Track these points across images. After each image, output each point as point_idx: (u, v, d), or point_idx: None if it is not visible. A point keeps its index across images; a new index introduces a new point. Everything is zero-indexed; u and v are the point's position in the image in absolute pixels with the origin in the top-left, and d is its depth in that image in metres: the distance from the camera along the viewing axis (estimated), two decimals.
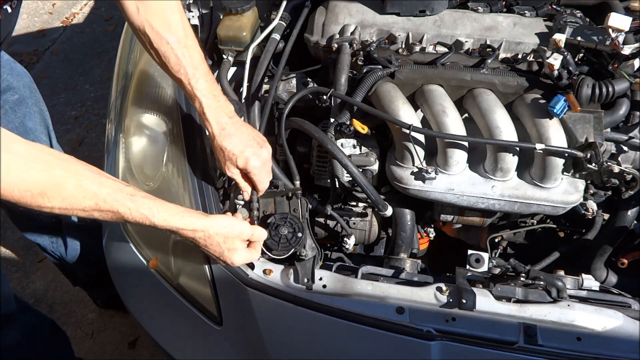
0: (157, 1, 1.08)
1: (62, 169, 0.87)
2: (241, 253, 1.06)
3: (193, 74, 1.11)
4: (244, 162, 1.13)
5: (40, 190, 0.84)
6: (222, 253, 1.04)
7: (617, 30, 1.24)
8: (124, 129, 1.30)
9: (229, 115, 1.14)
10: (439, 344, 0.99)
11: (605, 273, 1.36)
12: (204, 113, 1.12)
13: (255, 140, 1.16)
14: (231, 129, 1.13)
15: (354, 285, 1.09)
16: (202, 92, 1.11)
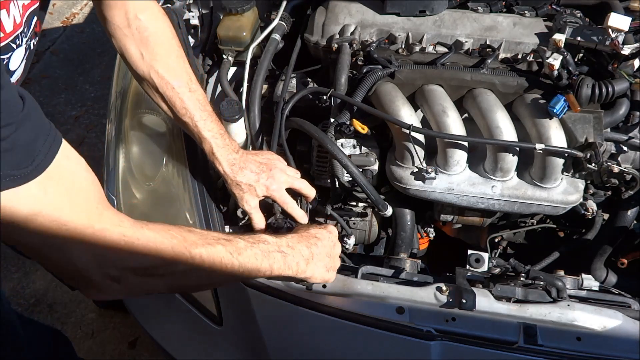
0: (160, 47, 1.09)
1: None
2: (334, 274, 1.06)
3: (200, 117, 1.12)
4: (262, 191, 1.15)
5: None
6: (324, 278, 1.02)
7: (617, 30, 1.24)
8: (124, 129, 1.30)
9: (236, 151, 1.16)
10: (439, 344, 0.99)
11: (605, 273, 1.36)
12: (214, 153, 1.14)
13: (263, 165, 1.17)
14: (241, 163, 1.15)
15: (354, 285, 1.09)
16: (209, 133, 1.13)
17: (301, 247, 0.97)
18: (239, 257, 0.85)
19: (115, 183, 1.26)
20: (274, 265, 0.91)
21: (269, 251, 0.91)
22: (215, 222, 1.16)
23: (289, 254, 0.94)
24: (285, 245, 0.95)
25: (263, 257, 0.89)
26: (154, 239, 0.74)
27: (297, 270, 0.95)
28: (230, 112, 1.33)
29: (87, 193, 0.69)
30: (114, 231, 0.70)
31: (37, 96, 3.15)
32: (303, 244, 0.98)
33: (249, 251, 0.87)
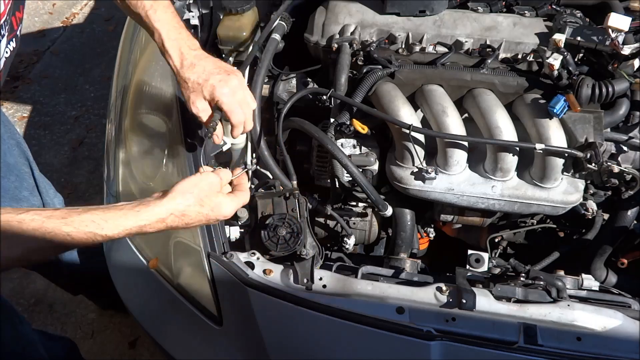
0: None
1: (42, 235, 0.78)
2: (227, 204, 0.96)
3: (151, 5, 1.03)
4: (210, 91, 1.03)
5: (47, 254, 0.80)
6: (209, 217, 0.94)
7: (617, 30, 1.24)
8: (124, 129, 1.30)
9: (191, 47, 1.05)
10: (439, 344, 0.99)
11: (605, 273, 1.36)
12: (164, 45, 1.03)
13: (221, 69, 1.05)
14: (194, 60, 1.04)
15: (354, 285, 1.09)
16: (160, 22, 1.03)
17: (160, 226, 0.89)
18: None
19: (115, 183, 1.26)
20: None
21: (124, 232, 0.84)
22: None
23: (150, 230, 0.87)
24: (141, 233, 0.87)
25: None
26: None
27: None
28: None
29: None
30: None
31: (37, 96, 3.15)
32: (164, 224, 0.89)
33: None
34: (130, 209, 0.86)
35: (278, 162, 1.40)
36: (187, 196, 0.92)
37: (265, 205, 1.18)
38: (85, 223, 0.81)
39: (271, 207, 1.18)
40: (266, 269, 1.11)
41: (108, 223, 0.83)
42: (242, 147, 1.43)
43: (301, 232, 1.12)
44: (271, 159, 1.37)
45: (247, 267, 1.11)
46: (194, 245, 1.13)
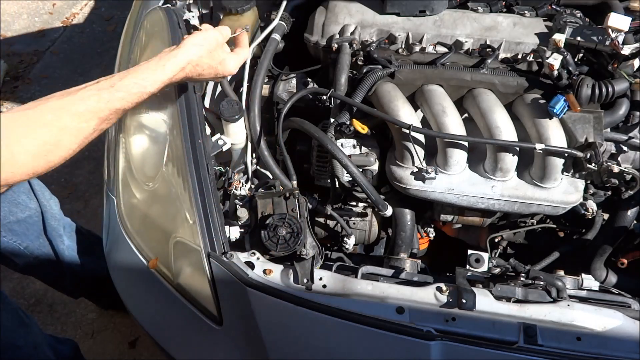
0: None
1: (50, 114, 0.85)
2: (231, 60, 1.10)
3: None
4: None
5: (53, 144, 0.84)
6: (217, 71, 1.07)
7: (617, 30, 1.24)
8: (124, 129, 1.30)
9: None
10: (439, 344, 0.99)
11: (605, 273, 1.36)
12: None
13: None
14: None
15: (354, 285, 1.09)
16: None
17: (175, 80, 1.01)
18: None
19: (115, 183, 1.26)
20: None
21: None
22: (215, 222, 1.16)
23: None
24: (157, 88, 0.98)
25: None
26: None
27: None
28: (230, 112, 1.34)
29: None
30: None
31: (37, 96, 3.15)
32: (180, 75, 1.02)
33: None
34: (157, 65, 0.99)
35: (278, 162, 1.40)
36: (198, 48, 1.03)
37: (265, 205, 1.18)
38: (131, 87, 0.94)
39: (271, 207, 1.18)
40: (266, 269, 1.11)
41: (148, 81, 0.96)
42: (242, 147, 1.43)
43: (301, 232, 1.12)
44: (271, 159, 1.37)
45: (247, 267, 1.11)
46: (194, 245, 1.13)
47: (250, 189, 1.35)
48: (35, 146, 0.82)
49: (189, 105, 1.30)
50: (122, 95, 0.93)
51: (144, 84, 0.96)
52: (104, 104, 0.90)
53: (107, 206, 1.29)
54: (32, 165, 0.83)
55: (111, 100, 0.91)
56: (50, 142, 0.84)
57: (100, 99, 0.90)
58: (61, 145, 0.85)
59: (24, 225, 1.50)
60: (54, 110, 0.86)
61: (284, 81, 1.54)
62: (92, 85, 0.92)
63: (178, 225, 1.17)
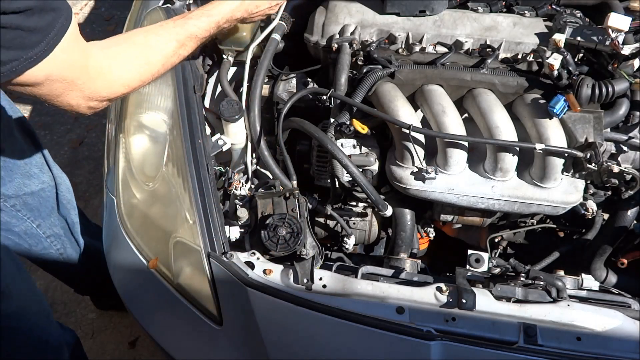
0: None
1: (140, 36, 1.04)
2: None
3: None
4: None
5: (144, 61, 1.02)
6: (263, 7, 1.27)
7: (617, 30, 1.24)
8: (124, 129, 1.30)
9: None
10: (439, 344, 0.99)
11: (605, 273, 1.36)
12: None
13: None
14: None
15: (354, 285, 1.09)
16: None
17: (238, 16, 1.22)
18: None
19: (115, 183, 1.26)
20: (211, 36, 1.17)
21: None
22: (216, 222, 1.16)
23: (223, 26, 1.20)
24: (224, 22, 1.19)
25: None
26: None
27: None
28: (230, 112, 1.34)
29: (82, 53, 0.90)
30: (100, 79, 0.93)
31: None
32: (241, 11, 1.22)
33: None
34: (219, 3, 1.18)
35: (278, 162, 1.40)
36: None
37: (265, 205, 1.18)
38: (200, 14, 1.13)
39: (271, 207, 1.18)
40: (266, 269, 1.11)
41: (214, 11, 1.16)
42: (242, 147, 1.43)
43: (301, 232, 1.12)
44: (271, 159, 1.37)
45: (247, 267, 1.11)
46: (194, 245, 1.13)
47: (250, 189, 1.35)
48: (129, 62, 0.99)
49: (189, 105, 1.31)
50: (193, 22, 1.10)
51: (211, 13, 1.14)
52: (180, 28, 1.08)
53: (107, 206, 1.29)
54: (129, 80, 0.99)
55: (185, 26, 1.09)
56: (140, 58, 1.01)
57: (176, 24, 1.09)
58: (150, 62, 1.02)
59: (37, 199, 1.51)
60: (143, 33, 1.05)
61: (284, 81, 1.53)
62: (170, 20, 1.12)
63: (178, 225, 1.17)
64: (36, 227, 1.56)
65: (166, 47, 1.06)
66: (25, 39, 0.78)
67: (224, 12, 1.17)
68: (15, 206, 1.47)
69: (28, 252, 1.63)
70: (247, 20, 1.27)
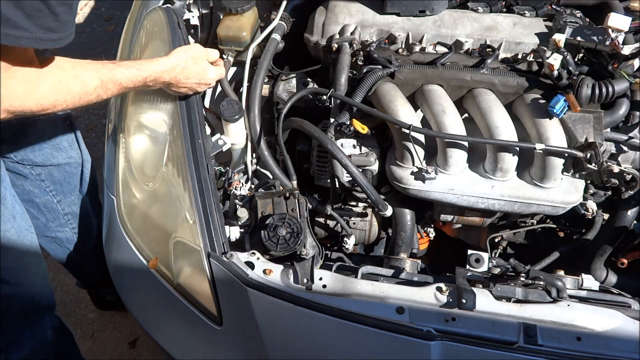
0: None
1: (68, 64, 1.02)
2: (212, 70, 1.28)
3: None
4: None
5: (65, 86, 1.00)
6: (201, 75, 1.24)
7: (617, 30, 1.24)
8: (124, 129, 1.30)
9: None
10: (439, 344, 0.99)
11: (605, 273, 1.36)
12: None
13: None
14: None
15: (354, 285, 1.09)
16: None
17: (169, 78, 1.19)
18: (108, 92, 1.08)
19: (115, 183, 1.26)
20: (131, 89, 1.15)
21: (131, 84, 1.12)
22: (216, 222, 1.16)
23: (149, 84, 1.16)
24: (151, 80, 1.16)
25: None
26: None
27: None
28: (230, 112, 1.34)
29: None
30: None
31: None
32: (173, 74, 1.19)
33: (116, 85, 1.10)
34: (152, 60, 1.18)
35: (278, 162, 1.40)
36: (185, 55, 1.22)
37: (265, 205, 1.18)
38: (129, 66, 1.12)
39: (271, 207, 1.18)
40: (266, 269, 1.11)
41: (143, 67, 1.14)
42: (242, 147, 1.43)
43: (301, 232, 1.12)
44: (271, 159, 1.37)
45: (247, 267, 1.11)
46: (194, 245, 1.13)
47: (250, 189, 1.35)
48: (53, 82, 0.98)
49: (189, 105, 1.31)
50: (122, 70, 1.10)
51: (140, 67, 1.14)
52: (107, 71, 1.07)
53: (107, 206, 1.29)
54: (45, 98, 0.97)
55: (113, 71, 1.08)
56: (63, 84, 0.99)
57: (104, 66, 1.08)
58: (69, 90, 1.00)
59: (62, 173, 1.55)
60: (71, 62, 1.03)
61: (284, 81, 1.54)
62: (101, 61, 1.11)
63: (178, 225, 1.17)
64: (56, 202, 1.59)
65: (89, 82, 1.04)
66: (45, 19, 0.83)
67: (153, 71, 1.16)
68: (40, 175, 1.51)
69: (44, 226, 1.64)
70: (173, 87, 1.23)
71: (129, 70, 1.12)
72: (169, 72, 1.18)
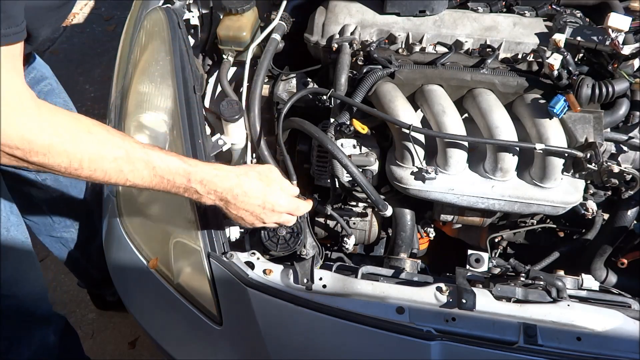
0: None
1: (81, 121, 0.86)
2: (289, 199, 1.04)
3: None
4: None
5: (76, 154, 0.84)
6: (266, 196, 1.00)
7: (617, 30, 1.24)
8: (124, 129, 1.30)
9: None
10: (439, 344, 0.99)
11: (605, 273, 1.36)
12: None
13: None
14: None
15: (354, 285, 1.09)
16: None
17: (215, 186, 0.95)
18: (131, 169, 0.87)
19: None
20: (171, 189, 0.93)
21: (171, 177, 0.91)
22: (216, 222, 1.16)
23: (195, 187, 0.94)
24: (198, 181, 0.94)
25: (160, 180, 0.90)
26: None
27: (199, 200, 0.96)
28: (230, 112, 1.34)
29: None
30: None
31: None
32: (221, 184, 0.96)
33: (145, 167, 0.89)
34: (202, 162, 1.00)
35: (278, 162, 1.40)
36: (250, 169, 1.05)
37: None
38: (175, 159, 0.94)
39: None
40: (266, 269, 1.11)
41: (192, 162, 0.96)
42: (242, 147, 1.43)
43: (301, 232, 1.12)
44: (271, 159, 1.37)
45: (247, 267, 1.11)
46: (194, 245, 1.13)
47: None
48: (54, 120, 0.82)
49: (189, 105, 1.31)
50: (160, 154, 0.92)
51: (188, 161, 0.95)
52: (140, 147, 0.90)
53: (107, 206, 1.29)
54: (36, 134, 0.80)
55: (146, 149, 0.90)
56: (68, 130, 0.83)
57: (138, 142, 0.91)
58: (74, 140, 0.83)
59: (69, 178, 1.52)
60: (94, 123, 0.87)
61: (284, 81, 1.54)
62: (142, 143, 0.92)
63: (178, 225, 1.17)
64: (64, 205, 1.60)
65: (108, 146, 0.85)
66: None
67: (202, 170, 0.94)
68: (45, 180, 1.50)
69: (50, 226, 1.64)
70: (230, 206, 1.01)
71: (171, 157, 0.91)
72: (223, 179, 0.95)
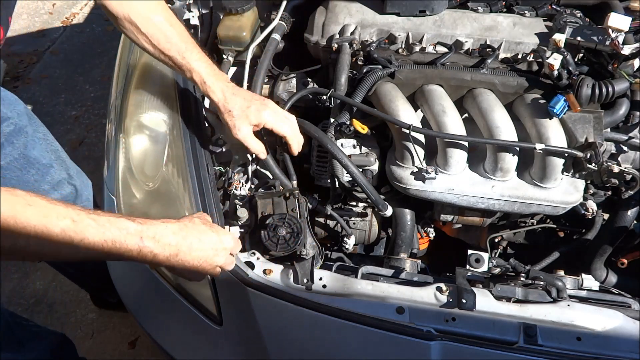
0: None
1: None
2: (228, 236, 1.01)
3: (186, 48, 1.15)
4: (255, 115, 1.17)
5: None
6: (213, 243, 0.96)
7: (617, 30, 1.24)
8: (124, 129, 1.30)
9: (227, 81, 1.20)
10: (438, 344, 0.99)
11: (605, 273, 1.36)
12: (205, 82, 1.16)
13: (256, 97, 1.22)
14: (234, 90, 1.19)
15: (354, 285, 1.09)
16: (197, 63, 1.16)
17: (169, 239, 0.89)
18: (81, 238, 0.79)
19: (115, 183, 1.26)
20: (124, 254, 0.84)
21: (122, 238, 0.83)
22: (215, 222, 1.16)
23: (149, 245, 0.87)
24: (151, 237, 0.87)
25: (112, 244, 0.82)
26: None
27: (153, 260, 0.88)
28: None
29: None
30: None
31: (37, 96, 3.15)
32: (173, 236, 0.90)
33: (95, 233, 0.80)
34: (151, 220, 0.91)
35: (278, 162, 1.40)
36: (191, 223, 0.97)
37: (265, 205, 1.18)
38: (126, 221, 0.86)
39: (271, 207, 1.18)
40: (266, 269, 1.11)
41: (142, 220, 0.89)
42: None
43: (301, 232, 1.12)
44: (271, 159, 1.37)
45: (247, 267, 1.11)
46: None
47: (250, 189, 1.35)
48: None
49: (189, 105, 1.31)
50: (106, 218, 0.84)
51: (139, 220, 0.88)
52: (85, 213, 0.82)
53: (107, 206, 1.29)
54: None
55: (91, 214, 0.83)
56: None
57: (82, 208, 0.83)
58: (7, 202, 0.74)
59: None
60: (31, 193, 0.78)
61: (284, 81, 1.54)
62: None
63: None
64: None
65: (53, 217, 0.76)
66: None
67: (154, 228, 0.88)
68: None
69: None
70: (169, 267, 0.95)
71: (120, 219, 0.85)
72: (175, 229, 0.91)
